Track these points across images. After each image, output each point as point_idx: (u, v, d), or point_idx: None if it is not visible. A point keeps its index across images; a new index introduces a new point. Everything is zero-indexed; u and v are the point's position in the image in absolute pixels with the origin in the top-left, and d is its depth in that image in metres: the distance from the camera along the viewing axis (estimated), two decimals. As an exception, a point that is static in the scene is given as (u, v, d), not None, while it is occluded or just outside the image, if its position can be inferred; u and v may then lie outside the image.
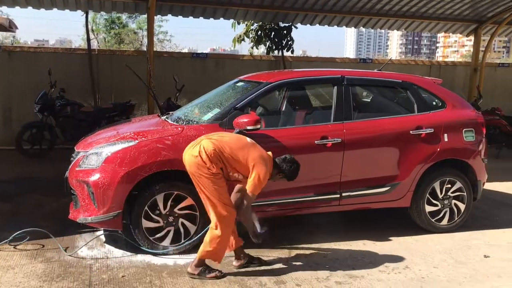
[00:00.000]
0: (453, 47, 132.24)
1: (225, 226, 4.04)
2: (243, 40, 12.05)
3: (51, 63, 9.43)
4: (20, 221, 5.29)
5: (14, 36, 24.71)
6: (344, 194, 5.10)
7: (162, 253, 4.55)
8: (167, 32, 29.06)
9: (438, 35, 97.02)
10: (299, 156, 4.40)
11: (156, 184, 4.51)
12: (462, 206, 5.47)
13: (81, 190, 4.57)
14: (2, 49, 10.23)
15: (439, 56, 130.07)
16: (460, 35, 13.16)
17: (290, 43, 11.75)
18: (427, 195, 5.34)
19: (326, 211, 5.20)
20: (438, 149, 5.31)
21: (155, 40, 16.61)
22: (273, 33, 11.73)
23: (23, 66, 10.09)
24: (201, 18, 10.74)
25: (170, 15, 10.61)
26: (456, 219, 5.48)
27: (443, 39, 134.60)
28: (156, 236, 4.57)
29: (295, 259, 4.59)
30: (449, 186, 5.42)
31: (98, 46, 20.51)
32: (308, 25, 11.50)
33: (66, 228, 4.98)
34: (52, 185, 6.33)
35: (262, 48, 12.34)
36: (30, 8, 9.77)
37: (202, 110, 5.29)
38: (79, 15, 11.38)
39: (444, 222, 5.45)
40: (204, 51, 17.04)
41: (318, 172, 4.99)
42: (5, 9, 19.00)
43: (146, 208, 4.51)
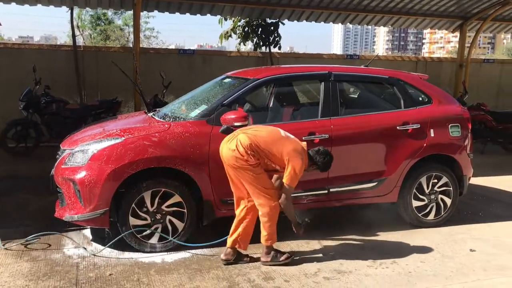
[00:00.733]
0: (439, 43, 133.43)
1: (270, 210, 4.17)
2: (230, 36, 12.01)
3: (36, 60, 9.28)
4: (5, 220, 5.22)
5: (-2, 33, 24.40)
6: (332, 190, 5.11)
7: (150, 250, 4.53)
8: (153, 29, 28.90)
9: (424, 31, 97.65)
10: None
11: (143, 181, 4.48)
12: (449, 201, 5.52)
13: (67, 188, 4.52)
14: (-15, 46, 10.10)
15: (425, 52, 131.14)
16: (446, 31, 13.26)
17: (277, 39, 11.74)
18: (414, 190, 5.38)
19: (314, 207, 5.22)
20: (425, 144, 5.35)
21: (141, 36, 16.51)
22: (260, 29, 11.71)
23: (7, 63, 9.94)
24: (187, 14, 10.71)
25: (156, 11, 10.55)
26: (443, 213, 5.53)
27: (429, 36, 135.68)
28: (144, 233, 4.54)
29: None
30: (435, 181, 5.47)
31: (83, 42, 20.32)
32: (295, 21, 11.53)
33: (52, 226, 4.92)
34: (37, 183, 6.27)
35: (249, 45, 12.33)
36: (13, 4, 9.62)
37: (189, 107, 5.26)
38: (64, 11, 11.27)
39: (431, 216, 5.49)
40: (191, 48, 16.93)
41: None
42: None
43: (133, 206, 4.48)
